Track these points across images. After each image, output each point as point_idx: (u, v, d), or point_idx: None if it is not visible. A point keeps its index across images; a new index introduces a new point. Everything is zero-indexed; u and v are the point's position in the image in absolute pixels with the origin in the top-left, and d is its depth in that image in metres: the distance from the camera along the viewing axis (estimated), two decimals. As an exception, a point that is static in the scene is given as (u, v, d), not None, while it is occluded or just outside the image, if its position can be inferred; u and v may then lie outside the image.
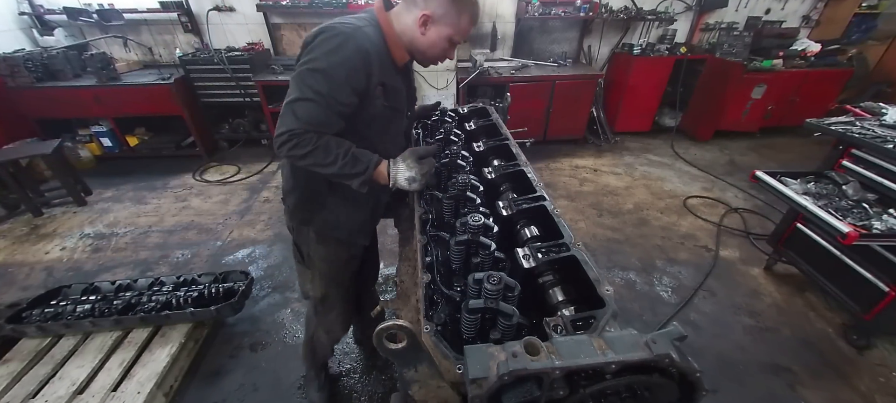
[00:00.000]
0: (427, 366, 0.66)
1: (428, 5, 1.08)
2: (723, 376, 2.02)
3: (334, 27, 1.01)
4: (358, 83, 1.04)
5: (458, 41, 1.15)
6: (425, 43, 1.13)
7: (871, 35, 4.93)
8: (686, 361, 0.57)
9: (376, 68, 1.06)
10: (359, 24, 1.06)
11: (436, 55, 1.17)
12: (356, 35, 1.01)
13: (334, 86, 1.00)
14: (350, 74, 1.01)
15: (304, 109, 1.00)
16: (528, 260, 0.89)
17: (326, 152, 1.05)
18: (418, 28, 1.09)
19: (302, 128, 1.00)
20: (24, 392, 1.74)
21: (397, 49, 1.15)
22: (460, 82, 4.14)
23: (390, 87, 1.15)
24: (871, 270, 2.05)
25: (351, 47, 1.00)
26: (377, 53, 1.06)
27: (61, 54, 3.89)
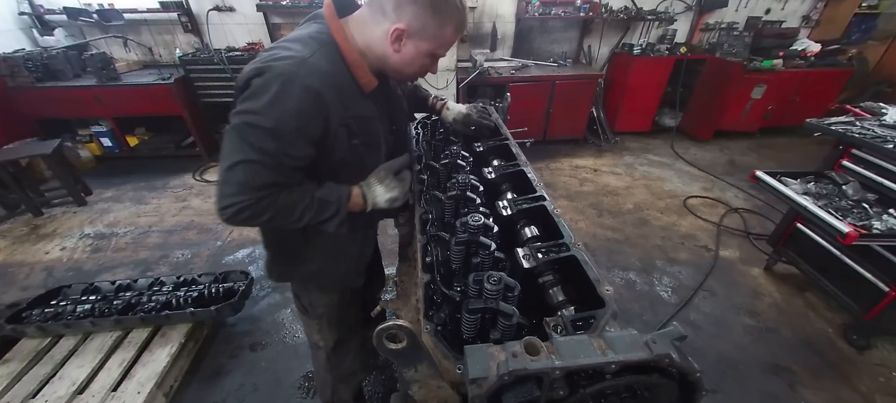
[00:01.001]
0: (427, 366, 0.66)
1: (401, 17, 0.86)
2: (723, 376, 2.02)
3: (272, 67, 0.79)
4: (313, 132, 0.85)
5: (442, 54, 0.97)
6: (400, 61, 0.93)
7: (871, 35, 4.94)
8: (686, 361, 0.57)
9: (335, 107, 0.86)
10: (304, 52, 0.83)
11: (414, 73, 0.99)
12: (300, 73, 0.80)
13: (283, 142, 0.80)
14: (301, 127, 0.82)
15: (251, 173, 0.81)
16: (528, 260, 0.89)
17: (289, 210, 0.89)
18: (390, 44, 0.89)
19: (252, 198, 0.82)
20: (25, 391, 1.75)
21: (362, 71, 0.93)
22: (460, 82, 4.14)
23: (359, 120, 0.95)
24: (871, 270, 2.05)
25: (296, 92, 0.79)
26: (334, 87, 0.86)
27: (61, 54, 3.89)
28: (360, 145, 0.99)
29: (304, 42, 0.87)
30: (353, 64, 0.92)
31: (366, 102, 0.97)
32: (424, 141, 1.60)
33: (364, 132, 0.99)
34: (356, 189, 1.01)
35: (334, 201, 0.95)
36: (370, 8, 0.91)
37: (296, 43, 0.86)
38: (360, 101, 0.95)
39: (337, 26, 0.91)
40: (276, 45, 0.87)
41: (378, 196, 1.02)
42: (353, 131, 0.95)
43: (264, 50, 0.87)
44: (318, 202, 0.93)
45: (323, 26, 0.92)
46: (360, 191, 1.01)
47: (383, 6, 0.88)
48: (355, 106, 0.94)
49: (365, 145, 1.00)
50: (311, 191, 0.93)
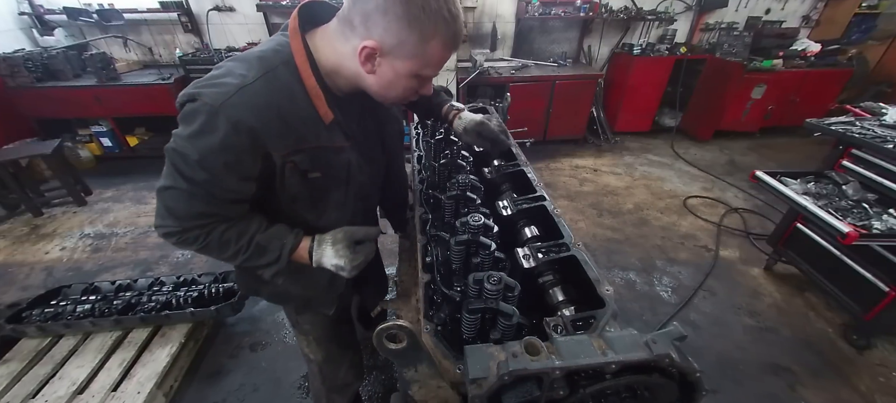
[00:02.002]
0: (427, 366, 0.66)
1: (371, 31, 0.72)
2: (723, 376, 2.02)
3: (202, 95, 0.70)
4: (246, 170, 0.76)
5: (432, 74, 0.82)
6: (377, 83, 0.79)
7: (871, 35, 4.93)
8: (686, 361, 0.57)
9: (280, 141, 0.76)
10: (247, 77, 0.72)
11: (399, 96, 0.84)
12: (231, 104, 0.69)
13: (211, 176, 0.73)
14: (229, 163, 0.73)
15: (178, 200, 0.75)
16: (528, 260, 0.89)
17: (222, 247, 0.82)
18: (361, 64, 0.76)
19: (178, 226, 0.77)
20: (25, 392, 1.74)
21: (320, 101, 0.80)
22: (460, 82, 4.14)
23: (318, 152, 0.83)
24: (871, 270, 2.05)
25: (223, 127, 0.69)
26: (279, 119, 0.74)
27: (61, 54, 3.89)
28: (322, 179, 0.87)
29: (252, 62, 0.75)
30: (311, 90, 0.79)
31: (332, 130, 0.84)
32: (424, 141, 1.59)
33: (326, 165, 0.86)
34: (306, 241, 0.91)
35: (275, 250, 0.87)
36: (339, 20, 0.77)
37: (243, 63, 0.76)
38: (323, 130, 0.82)
39: (298, 44, 0.78)
40: (224, 63, 0.77)
41: (325, 258, 0.89)
42: (310, 165, 0.83)
43: (215, 67, 0.77)
44: (256, 247, 0.85)
45: (283, 44, 0.80)
46: (309, 245, 0.90)
47: (351, 19, 0.74)
48: (315, 136, 0.81)
49: (328, 179, 0.88)
50: (252, 231, 0.85)
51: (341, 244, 0.90)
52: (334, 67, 0.81)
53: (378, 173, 1.11)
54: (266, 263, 0.88)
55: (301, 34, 0.79)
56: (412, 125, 1.74)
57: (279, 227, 0.89)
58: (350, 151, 0.90)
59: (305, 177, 0.84)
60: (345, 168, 0.91)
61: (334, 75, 0.83)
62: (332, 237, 0.91)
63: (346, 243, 0.90)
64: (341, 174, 0.91)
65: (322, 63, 0.81)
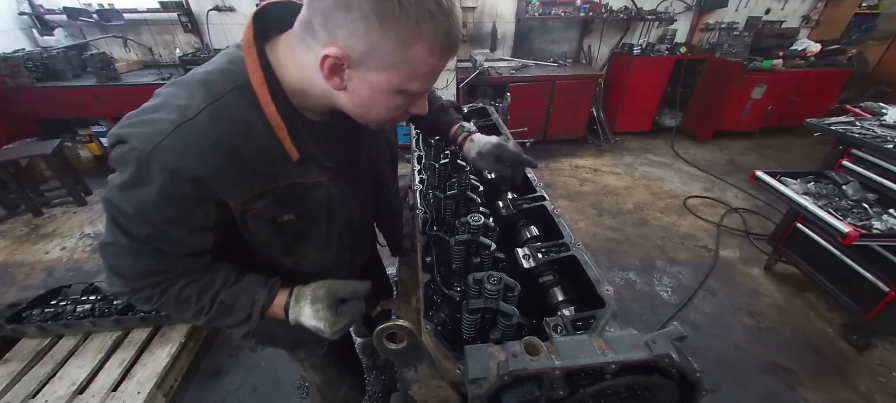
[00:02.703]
0: (427, 366, 0.66)
1: (334, 35, 0.56)
2: (723, 376, 2.02)
3: (130, 137, 0.57)
4: (196, 222, 0.64)
5: (420, 88, 0.65)
6: (351, 102, 0.64)
7: (871, 35, 4.93)
8: (686, 361, 0.57)
9: (232, 187, 0.63)
10: (187, 110, 0.58)
11: (381, 118, 0.69)
12: (165, 150, 0.56)
13: (155, 231, 0.61)
14: (171, 218, 0.61)
15: (120, 258, 0.64)
16: (528, 260, 0.89)
17: (181, 305, 0.70)
18: (326, 79, 0.60)
19: (126, 286, 0.66)
20: (25, 391, 1.74)
21: (283, 133, 0.64)
22: (460, 82, 4.14)
23: (288, 191, 0.69)
24: (871, 270, 2.04)
25: (158, 177, 0.57)
26: (231, 160, 0.60)
27: (61, 54, 3.89)
28: (297, 221, 0.74)
29: (195, 89, 0.60)
30: (271, 119, 0.63)
31: (304, 164, 0.70)
32: (423, 144, 1.60)
33: (299, 205, 0.73)
34: (281, 296, 0.77)
35: (244, 308, 0.74)
36: (300, 25, 0.60)
37: (184, 90, 0.61)
38: (294, 165, 0.68)
39: (253, 61, 0.62)
40: (163, 89, 0.64)
41: (303, 316, 0.75)
42: (279, 209, 0.70)
43: (154, 94, 0.64)
44: (220, 306, 0.72)
45: (235, 59, 0.63)
46: (285, 301, 0.77)
47: (311, 21, 0.57)
48: (284, 173, 0.68)
49: (304, 220, 0.75)
50: (216, 287, 0.72)
51: (321, 304, 0.75)
52: (301, 85, 0.65)
53: (368, 202, 0.98)
54: (234, 323, 0.75)
55: (258, 47, 0.63)
56: (412, 125, 1.74)
57: (250, 279, 0.76)
58: (330, 184, 0.76)
59: (274, 222, 0.71)
60: (324, 206, 0.77)
61: (302, 96, 0.67)
62: (312, 294, 0.76)
63: (327, 303, 0.76)
64: (319, 213, 0.77)
65: (287, 82, 0.65)
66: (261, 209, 0.68)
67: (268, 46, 0.66)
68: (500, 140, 1.01)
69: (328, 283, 0.79)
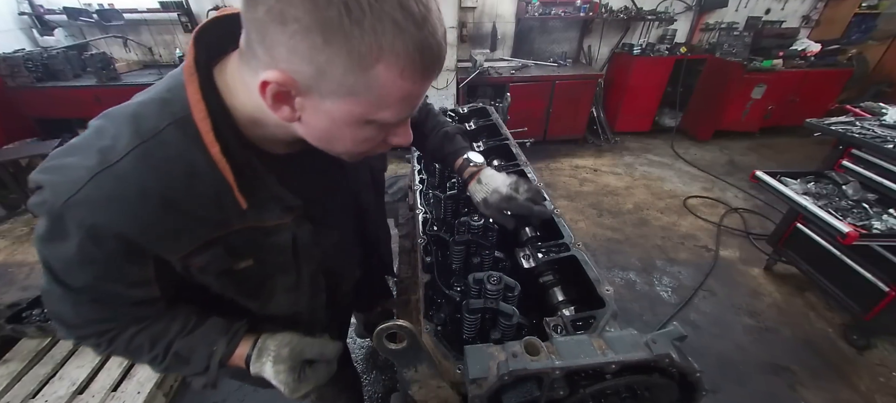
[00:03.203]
0: (427, 366, 0.66)
1: (274, 56, 0.44)
2: (723, 376, 2.02)
3: (43, 186, 0.50)
4: (131, 278, 0.56)
5: (394, 118, 0.53)
6: (310, 134, 0.54)
7: (871, 35, 4.93)
8: (686, 361, 0.57)
9: (166, 242, 0.54)
10: (109, 153, 0.49)
11: (349, 151, 0.58)
12: (79, 204, 0.48)
13: (87, 285, 0.55)
14: (101, 277, 0.54)
15: (60, 305, 0.58)
16: (528, 260, 0.89)
17: (133, 353, 0.64)
18: (271, 108, 0.49)
19: (71, 334, 0.61)
20: (25, 391, 1.74)
21: (229, 177, 0.54)
22: (460, 82, 4.14)
23: (243, 235, 0.60)
24: (871, 270, 2.04)
25: (74, 236, 0.49)
26: (162, 212, 0.51)
27: (61, 54, 3.89)
28: (257, 267, 0.65)
29: (122, 126, 0.51)
30: (217, 161, 0.52)
31: (262, 206, 0.60)
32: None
33: (258, 250, 0.63)
34: (244, 347, 0.68)
35: (201, 359, 0.65)
36: (243, 41, 0.48)
37: (111, 124, 0.52)
38: (250, 207, 0.58)
39: (195, 92, 0.51)
40: (93, 123, 0.54)
41: (264, 373, 0.67)
42: (231, 259, 0.61)
43: (87, 126, 0.54)
44: (174, 356, 0.64)
45: (179, 83, 0.53)
46: (247, 352, 0.68)
47: (249, 36, 0.46)
48: (237, 216, 0.58)
49: (266, 266, 0.67)
50: (171, 334, 0.64)
51: (283, 366, 0.66)
52: (254, 115, 0.54)
53: (348, 237, 0.89)
54: (191, 373, 0.67)
55: (202, 72, 0.52)
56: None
57: (210, 326, 0.67)
58: (295, 225, 0.66)
59: (230, 272, 0.62)
60: (287, 250, 0.67)
61: (258, 126, 0.56)
62: (275, 353, 0.67)
63: (290, 365, 0.67)
64: (283, 257, 0.68)
65: (239, 111, 0.55)
66: (205, 263, 0.58)
67: (217, 69, 0.55)
68: (509, 191, 0.88)
69: (294, 342, 0.69)
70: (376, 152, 0.63)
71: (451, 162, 0.99)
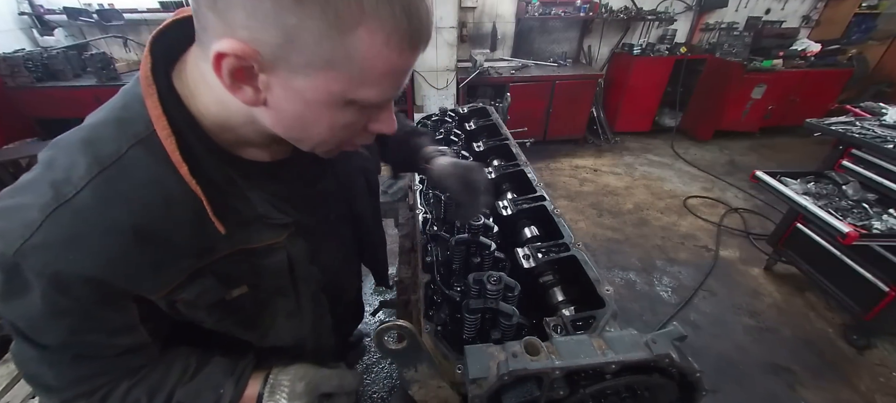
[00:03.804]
0: (427, 366, 0.66)
1: (230, 23, 0.37)
2: (723, 376, 2.02)
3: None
4: (111, 325, 0.48)
5: (378, 98, 0.46)
6: (279, 121, 0.46)
7: (871, 35, 4.93)
8: (686, 361, 0.57)
9: (145, 279, 0.47)
10: (68, 181, 0.42)
11: (325, 140, 0.50)
12: (35, 251, 0.41)
13: (64, 340, 0.46)
14: (77, 328, 0.46)
15: (36, 368, 0.49)
16: (528, 260, 0.89)
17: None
18: (229, 89, 0.42)
19: (56, 399, 0.51)
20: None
21: (201, 201, 0.48)
22: (460, 82, 4.14)
23: (234, 259, 0.54)
24: (871, 270, 2.05)
25: (36, 287, 0.42)
26: (136, 247, 0.44)
27: (61, 54, 3.89)
28: (252, 294, 0.58)
29: (76, 153, 0.44)
30: (188, 181, 0.46)
31: (248, 226, 0.53)
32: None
33: (252, 275, 0.56)
34: (253, 386, 0.60)
35: None
36: (195, 20, 0.42)
37: (63, 153, 0.45)
38: (218, 241, 0.51)
39: (155, 106, 0.44)
40: (43, 155, 0.46)
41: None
42: (223, 287, 0.54)
43: (40, 155, 0.47)
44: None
45: (136, 97, 0.46)
46: (259, 391, 0.60)
47: (198, 7, 0.40)
48: (225, 240, 0.51)
49: (261, 291, 0.59)
50: (170, 383, 0.55)
51: (303, 400, 0.59)
52: (220, 116, 0.47)
53: (346, 249, 0.82)
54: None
55: (161, 83, 0.46)
56: None
57: (214, 367, 0.58)
58: (289, 243, 0.59)
59: (222, 303, 0.55)
60: (283, 271, 0.60)
61: (227, 130, 0.49)
62: (290, 389, 0.60)
63: (308, 402, 0.60)
64: (280, 280, 0.61)
65: (205, 116, 0.48)
66: (194, 298, 0.51)
67: (175, 75, 0.48)
68: (454, 169, 0.82)
69: (309, 375, 0.62)
70: (355, 144, 0.55)
71: (415, 156, 0.92)
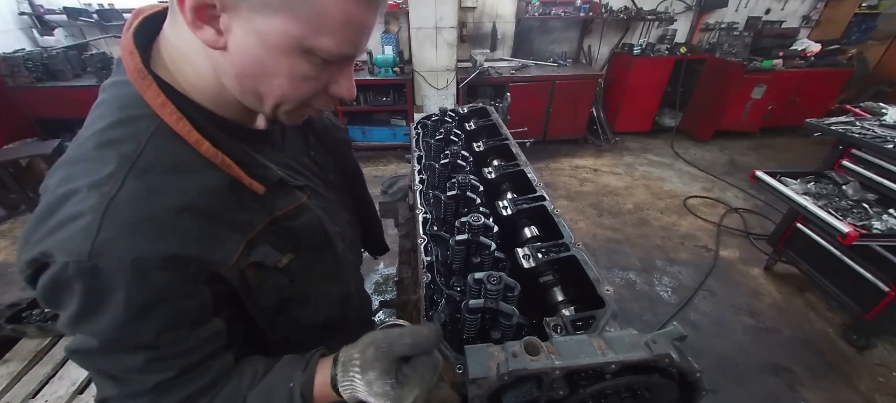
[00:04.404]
0: (427, 366, 0.66)
1: None
2: (723, 376, 2.02)
3: (50, 255, 0.42)
4: (190, 314, 0.49)
5: (336, 49, 0.46)
6: (239, 68, 0.46)
7: (871, 35, 4.94)
8: (686, 361, 0.57)
9: (211, 247, 0.48)
10: (105, 179, 0.43)
11: (285, 93, 0.49)
12: (109, 242, 0.41)
13: (149, 342, 0.46)
14: (164, 330, 0.47)
15: (117, 391, 0.50)
16: (528, 260, 0.89)
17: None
18: (194, 27, 0.43)
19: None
20: (25, 392, 1.74)
21: (231, 169, 0.50)
22: (460, 82, 4.14)
23: (268, 232, 0.55)
24: (871, 270, 2.05)
25: (119, 284, 0.42)
26: (192, 217, 0.46)
27: (61, 54, 3.90)
28: (297, 259, 0.59)
29: (98, 158, 0.44)
30: (212, 157, 0.49)
31: (275, 190, 0.56)
32: (424, 141, 1.60)
33: (292, 240, 0.58)
34: (323, 370, 0.55)
35: (281, 401, 0.53)
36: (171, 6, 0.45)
37: (82, 166, 0.45)
38: (266, 196, 0.54)
39: (157, 97, 0.46)
40: (48, 184, 0.46)
41: (356, 388, 0.53)
42: (276, 252, 0.55)
43: (42, 189, 0.47)
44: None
45: (128, 95, 0.47)
46: (331, 374, 0.54)
47: None
48: (257, 214, 0.53)
49: (303, 253, 0.60)
50: (242, 390, 0.54)
51: (374, 372, 0.52)
52: (206, 85, 0.50)
53: (350, 214, 0.87)
54: None
55: (153, 75, 0.47)
56: (412, 125, 1.74)
57: (282, 362, 0.57)
58: (313, 202, 0.63)
59: (277, 270, 0.56)
60: (318, 228, 0.62)
61: (217, 99, 0.51)
62: (361, 358, 0.53)
63: (383, 368, 0.52)
64: (316, 238, 0.63)
65: (197, 90, 0.50)
66: (261, 260, 0.53)
67: (152, 64, 0.49)
68: None
69: (377, 338, 0.53)
70: (315, 109, 0.55)
71: None
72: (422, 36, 3.93)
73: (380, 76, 4.09)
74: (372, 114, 4.60)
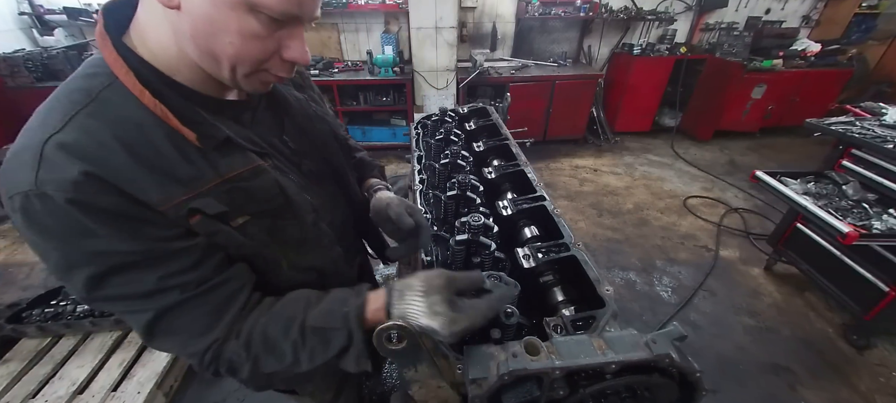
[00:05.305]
0: (427, 366, 0.66)
1: None
2: (723, 376, 2.02)
3: (10, 198, 0.48)
4: (175, 256, 0.53)
5: (278, 7, 0.49)
6: (193, 29, 0.50)
7: (871, 35, 4.94)
8: (686, 361, 0.57)
9: (149, 186, 0.50)
10: (50, 122, 0.49)
11: (238, 55, 0.52)
12: (50, 175, 0.46)
13: (137, 249, 0.50)
14: (151, 258, 0.51)
15: (173, 321, 0.55)
16: (529, 260, 0.89)
17: (271, 346, 0.58)
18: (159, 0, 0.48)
19: (210, 338, 0.56)
20: (25, 392, 1.74)
21: (169, 119, 0.52)
22: (460, 82, 4.14)
23: (218, 190, 0.56)
24: (871, 270, 2.05)
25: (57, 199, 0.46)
26: (128, 155, 0.49)
27: (61, 54, 3.89)
28: (255, 220, 0.61)
29: (53, 105, 0.51)
30: (153, 107, 0.52)
31: (229, 154, 0.58)
32: (424, 141, 1.59)
33: (247, 200, 0.59)
34: (375, 295, 0.62)
35: (338, 327, 0.59)
36: None
37: (38, 115, 0.53)
38: (218, 159, 0.56)
39: (111, 53, 0.52)
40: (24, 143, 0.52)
41: (410, 312, 0.57)
42: (224, 205, 0.56)
43: None
44: (313, 335, 0.58)
45: (97, 59, 0.54)
46: (383, 301, 0.60)
47: None
48: (205, 170, 0.55)
49: (262, 217, 0.62)
50: (299, 313, 0.60)
51: (438, 297, 0.57)
52: (170, 52, 0.54)
53: (337, 197, 0.87)
54: (336, 350, 0.59)
55: (111, 36, 0.52)
56: (412, 125, 1.74)
57: (335, 291, 0.64)
58: (277, 171, 0.65)
59: (236, 231, 0.58)
60: (274, 191, 0.62)
61: (182, 65, 0.55)
62: (425, 285, 0.58)
63: (445, 296, 0.57)
64: (275, 201, 0.63)
65: (159, 58, 0.54)
66: (201, 208, 0.54)
67: (126, 37, 0.55)
68: (389, 204, 0.89)
69: (443, 271, 0.61)
70: (274, 76, 0.58)
71: (361, 180, 1.04)
72: (422, 36, 3.93)
73: (380, 76, 4.09)
74: (372, 114, 4.60)
